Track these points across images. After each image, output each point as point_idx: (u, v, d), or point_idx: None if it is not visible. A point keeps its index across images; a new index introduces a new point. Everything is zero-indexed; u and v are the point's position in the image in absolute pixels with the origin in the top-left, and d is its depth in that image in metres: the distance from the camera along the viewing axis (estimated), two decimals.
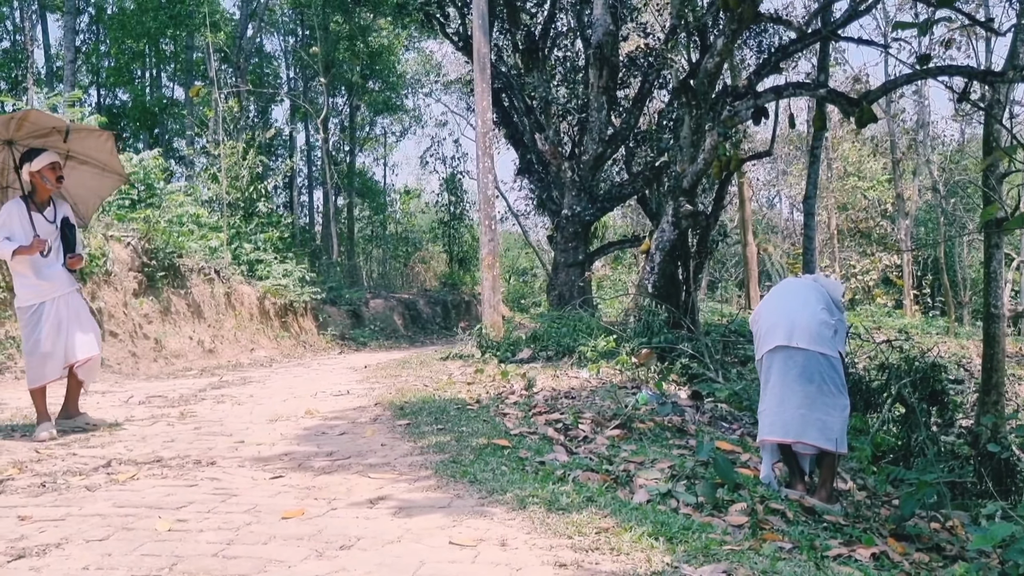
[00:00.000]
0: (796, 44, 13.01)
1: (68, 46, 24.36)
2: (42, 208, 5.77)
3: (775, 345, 4.62)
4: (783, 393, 4.57)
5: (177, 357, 12.54)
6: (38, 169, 5.65)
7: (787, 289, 4.94)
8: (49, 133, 5.81)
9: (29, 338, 5.69)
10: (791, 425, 4.55)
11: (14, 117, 5.67)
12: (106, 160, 6.28)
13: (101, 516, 3.54)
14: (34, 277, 5.67)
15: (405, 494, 3.85)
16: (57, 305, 5.71)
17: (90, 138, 6.10)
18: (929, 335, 23.78)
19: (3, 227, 5.61)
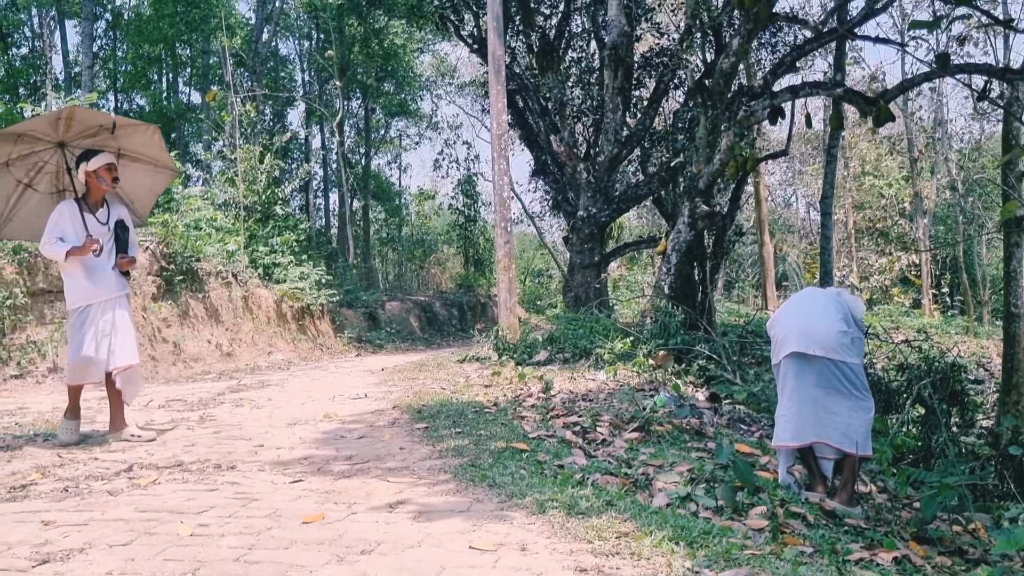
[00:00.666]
0: (812, 43, 12.95)
1: (86, 52, 24.53)
2: (95, 209, 5.73)
3: (791, 351, 4.60)
4: (800, 398, 4.55)
5: (196, 361, 12.61)
6: (94, 169, 5.61)
7: (807, 297, 4.90)
8: (97, 132, 5.76)
9: (73, 340, 5.68)
10: (807, 428, 4.53)
11: (60, 116, 5.62)
12: (156, 155, 6.21)
13: (124, 521, 3.57)
14: (84, 279, 5.62)
15: (424, 498, 3.86)
16: (104, 309, 5.68)
17: (136, 133, 6.01)
18: (948, 335, 23.62)
19: (55, 228, 5.57)
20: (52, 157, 5.85)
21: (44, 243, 5.56)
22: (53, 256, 5.65)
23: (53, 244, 5.51)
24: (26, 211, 5.95)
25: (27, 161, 5.77)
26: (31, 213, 5.96)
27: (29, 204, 5.93)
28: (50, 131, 5.66)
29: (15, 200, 5.87)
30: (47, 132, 5.67)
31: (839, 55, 15.51)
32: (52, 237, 5.53)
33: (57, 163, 5.90)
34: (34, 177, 5.86)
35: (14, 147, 5.64)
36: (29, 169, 5.81)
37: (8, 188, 5.81)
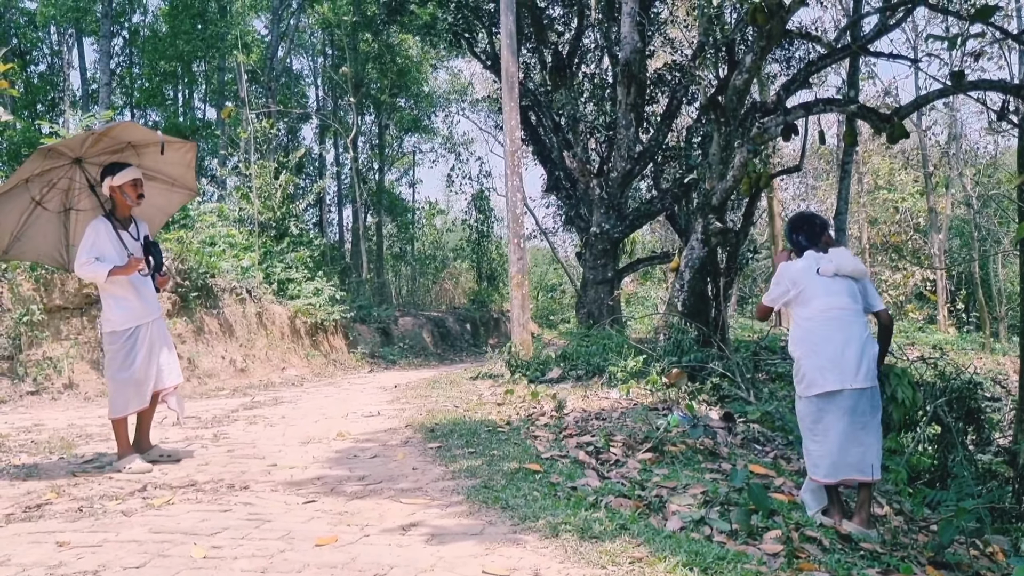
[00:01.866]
0: (825, 59, 12.93)
1: (103, 69, 24.79)
2: (126, 225, 5.54)
3: (828, 390, 4.54)
4: (837, 435, 4.49)
5: (210, 377, 12.66)
6: (120, 184, 5.39)
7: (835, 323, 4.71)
8: (124, 148, 5.60)
9: (122, 364, 5.39)
10: (845, 465, 4.51)
11: (93, 132, 5.41)
12: (179, 175, 6.03)
13: (137, 542, 3.58)
14: (133, 299, 5.42)
15: (437, 520, 3.85)
16: (151, 329, 5.51)
17: (171, 150, 5.79)
18: (964, 351, 23.43)
19: (92, 247, 5.32)
20: (66, 173, 5.63)
21: (82, 263, 5.30)
22: (92, 277, 5.37)
23: (92, 264, 5.27)
24: (34, 230, 5.69)
25: (43, 178, 5.53)
26: (39, 232, 5.72)
27: (38, 223, 5.68)
28: (76, 146, 5.44)
29: (25, 219, 5.60)
30: (73, 148, 5.45)
31: (852, 71, 15.49)
32: (90, 256, 5.29)
33: (70, 179, 5.66)
34: (45, 194, 5.61)
35: (42, 162, 5.39)
36: (43, 186, 5.57)
37: (22, 206, 5.55)
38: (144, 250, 5.58)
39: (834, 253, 4.82)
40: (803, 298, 4.77)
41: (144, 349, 5.45)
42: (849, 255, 4.84)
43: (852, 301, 4.70)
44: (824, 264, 4.76)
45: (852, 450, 4.50)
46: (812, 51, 17.32)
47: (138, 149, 5.70)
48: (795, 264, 4.92)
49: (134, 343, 5.42)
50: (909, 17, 18.89)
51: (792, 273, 4.86)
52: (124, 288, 5.42)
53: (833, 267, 4.73)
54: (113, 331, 5.44)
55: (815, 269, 4.77)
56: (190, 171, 6.12)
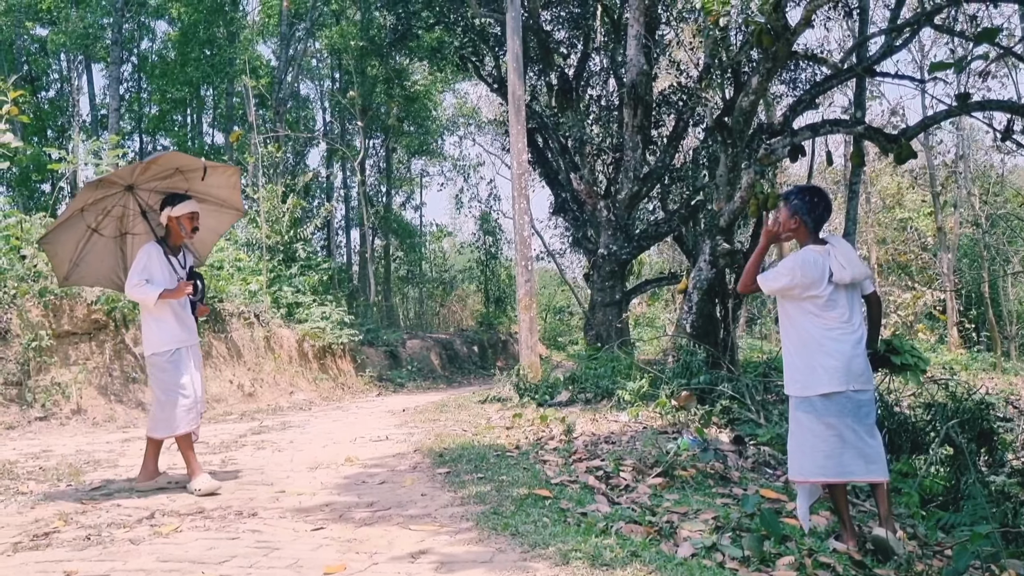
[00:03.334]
0: (832, 80, 12.96)
1: (112, 95, 24.98)
2: (175, 253, 5.74)
3: (833, 391, 4.43)
4: (842, 433, 4.39)
5: (218, 401, 12.64)
6: (178, 216, 5.60)
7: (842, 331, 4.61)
8: (172, 174, 5.76)
9: (170, 384, 5.52)
10: (852, 464, 4.40)
11: (142, 163, 5.60)
12: (226, 196, 6.20)
13: (145, 571, 3.56)
14: (173, 321, 5.58)
15: (446, 547, 3.82)
16: (192, 353, 5.69)
17: (214, 174, 5.97)
18: (975, 371, 23.28)
19: (143, 270, 5.51)
20: (120, 200, 5.83)
21: (133, 285, 5.48)
22: (142, 298, 5.50)
23: (143, 286, 5.45)
24: (92, 256, 5.91)
25: (98, 206, 5.73)
26: (96, 258, 5.94)
27: (95, 249, 5.90)
28: (127, 175, 5.66)
29: (83, 245, 5.83)
30: (124, 176, 5.67)
31: (859, 92, 15.50)
32: (140, 279, 5.48)
33: (124, 206, 5.87)
34: (100, 221, 5.83)
35: (94, 192, 5.62)
36: (98, 214, 5.78)
37: (79, 234, 5.76)
38: (188, 278, 5.76)
39: (839, 251, 4.56)
40: (814, 303, 4.52)
41: (189, 371, 5.62)
42: (855, 255, 4.63)
43: (856, 309, 4.62)
44: (838, 272, 4.49)
45: (858, 451, 4.42)
46: (818, 73, 17.38)
47: (186, 174, 5.86)
48: (807, 258, 4.55)
49: (179, 362, 5.58)
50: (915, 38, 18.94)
51: (808, 271, 4.51)
52: (167, 311, 5.58)
53: (849, 276, 4.49)
54: (155, 352, 5.61)
55: (828, 274, 4.50)
56: (236, 192, 6.30)
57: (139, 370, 11.61)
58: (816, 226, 4.68)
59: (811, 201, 4.69)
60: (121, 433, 9.68)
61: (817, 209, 4.68)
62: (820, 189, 4.88)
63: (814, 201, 4.69)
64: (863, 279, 4.57)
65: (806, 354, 4.53)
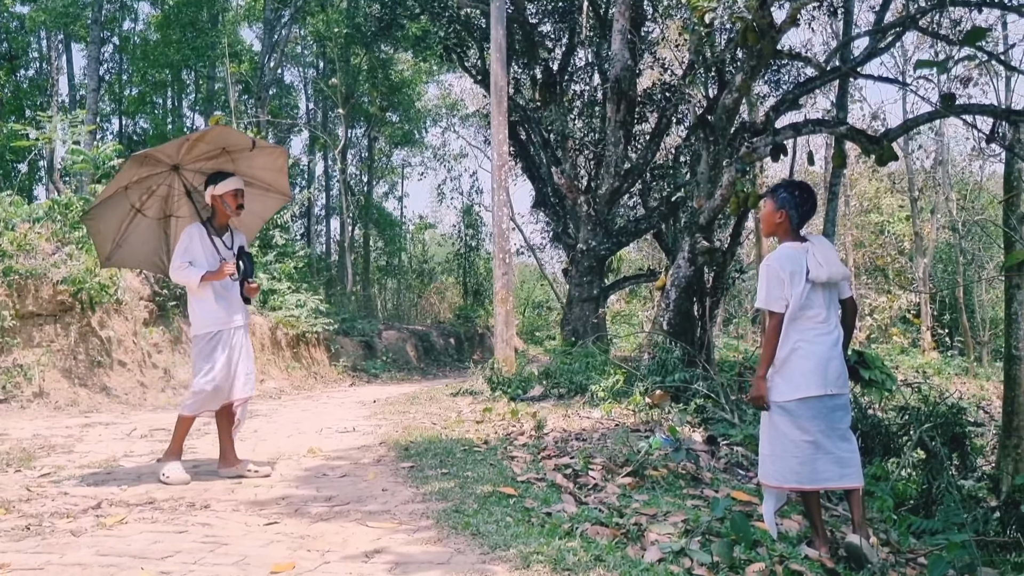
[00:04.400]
0: (815, 81, 12.88)
1: (91, 75, 24.55)
2: (220, 233, 5.55)
3: (810, 395, 4.30)
4: (818, 440, 4.26)
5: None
6: (221, 193, 5.43)
7: (816, 332, 4.49)
8: (219, 154, 5.59)
9: (202, 367, 5.40)
10: (826, 471, 4.26)
11: (188, 138, 5.41)
12: (272, 179, 6.03)
13: (81, 566, 3.37)
14: (215, 303, 5.40)
15: (403, 547, 3.66)
16: (233, 336, 5.49)
17: (261, 155, 5.80)
18: (948, 375, 23.40)
19: (186, 252, 5.37)
20: (165, 180, 5.66)
21: (176, 267, 5.35)
22: (185, 281, 5.38)
23: (185, 268, 5.32)
24: (135, 237, 5.74)
25: (142, 185, 5.56)
26: (139, 239, 5.77)
27: (138, 230, 5.72)
28: (172, 152, 5.46)
29: (126, 226, 5.66)
30: (170, 154, 5.47)
31: (842, 94, 15.45)
32: (183, 261, 5.33)
33: (169, 186, 5.70)
34: (145, 201, 5.65)
35: (139, 169, 5.43)
36: (142, 193, 5.60)
37: (122, 213, 5.59)
38: (236, 258, 5.57)
39: (818, 249, 4.38)
40: (793, 300, 4.33)
41: (225, 355, 5.42)
42: (835, 254, 4.44)
43: (832, 309, 4.47)
44: (815, 270, 4.31)
45: (832, 456, 4.28)
46: (802, 73, 17.32)
47: (233, 155, 5.66)
48: (783, 253, 4.41)
49: (215, 347, 5.40)
50: (899, 41, 18.94)
51: (784, 263, 4.36)
52: (208, 292, 5.41)
53: (825, 275, 4.31)
54: (196, 334, 5.49)
55: (805, 271, 4.33)
56: (283, 176, 6.11)
57: (104, 353, 11.35)
58: (800, 222, 4.53)
59: (799, 196, 4.54)
60: (83, 418, 9.44)
61: (804, 205, 4.53)
62: (807, 185, 4.75)
63: (803, 196, 4.54)
64: (840, 280, 4.41)
65: (782, 356, 4.38)
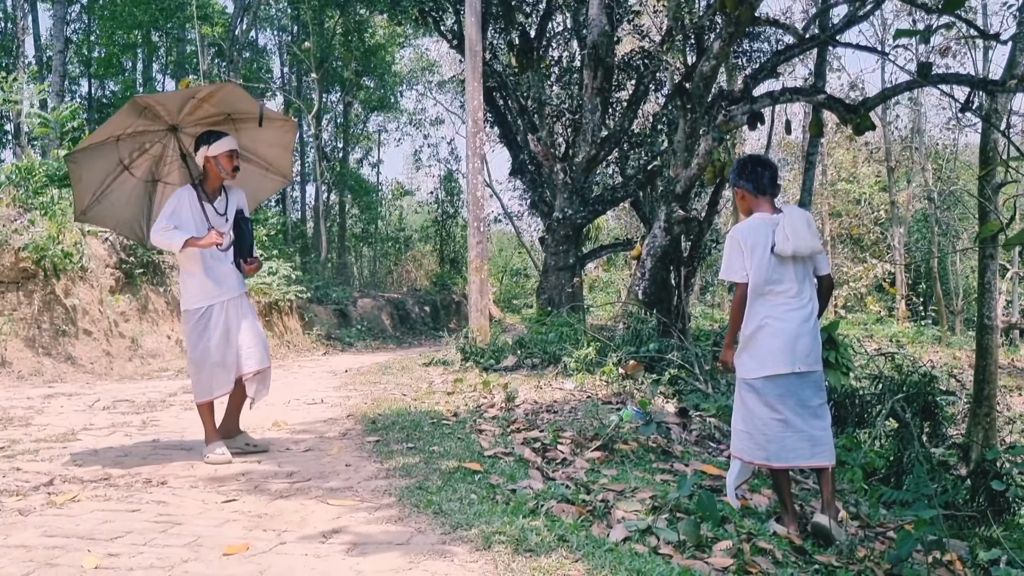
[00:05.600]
0: (794, 49, 12.75)
1: (58, 36, 23.95)
2: (213, 198, 5.16)
3: (777, 373, 4.21)
4: (789, 417, 4.17)
5: (154, 357, 12.22)
6: (215, 155, 5.03)
7: (784, 308, 4.40)
8: (223, 121, 5.25)
9: (196, 346, 5.09)
10: (797, 449, 4.18)
11: (195, 95, 5.02)
12: (274, 157, 5.66)
13: (26, 548, 3.24)
14: (203, 275, 5.07)
15: (362, 526, 3.55)
16: (227, 309, 5.11)
17: (269, 129, 5.42)
18: (921, 344, 23.60)
19: (172, 215, 4.99)
20: (160, 139, 5.30)
21: (158, 230, 4.98)
22: (167, 244, 5.01)
23: (168, 231, 4.94)
24: (117, 195, 5.33)
25: (136, 140, 5.20)
26: (121, 199, 5.36)
27: (122, 188, 5.33)
28: (174, 109, 5.09)
29: (111, 181, 5.25)
30: (171, 110, 5.10)
31: (820, 62, 15.34)
32: (169, 224, 4.95)
33: (164, 146, 5.34)
34: (135, 159, 5.28)
35: (136, 120, 5.04)
36: (133, 149, 5.24)
37: (110, 166, 5.20)
38: (234, 225, 5.20)
39: (788, 221, 4.21)
40: (755, 272, 4.22)
41: (219, 330, 5.08)
42: (805, 226, 4.21)
43: (806, 284, 4.34)
44: (781, 244, 4.17)
45: (803, 434, 4.19)
46: (781, 42, 17.16)
47: (237, 124, 5.32)
48: (749, 224, 4.31)
49: (207, 323, 5.08)
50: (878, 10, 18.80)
51: (746, 235, 4.26)
52: (196, 263, 5.09)
53: (791, 248, 4.16)
54: (186, 309, 5.16)
55: (770, 244, 4.20)
56: (287, 154, 5.76)
57: (69, 322, 11.14)
58: (757, 187, 4.36)
59: (747, 167, 4.42)
60: (46, 388, 9.26)
61: (753, 173, 4.38)
62: (756, 156, 4.62)
63: (749, 166, 4.42)
64: (810, 253, 4.23)
65: (749, 332, 4.30)
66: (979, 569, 4.89)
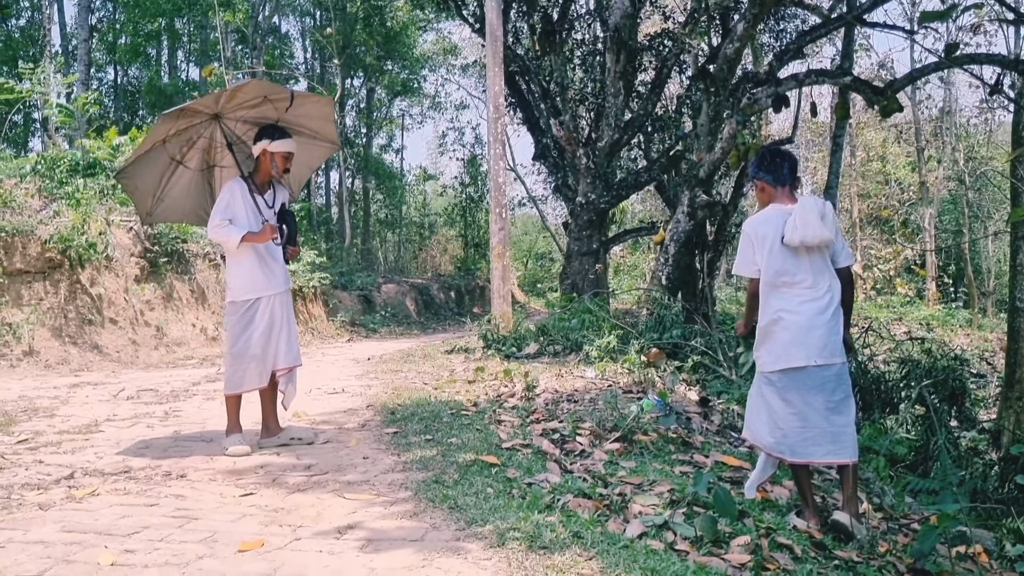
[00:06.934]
0: (820, 29, 12.56)
1: (82, 25, 24.13)
2: (263, 191, 5.22)
3: (793, 366, 4.14)
4: (807, 412, 4.10)
5: (179, 345, 12.32)
6: (274, 151, 5.11)
7: (797, 300, 4.33)
8: (261, 102, 5.26)
9: (238, 338, 5.10)
10: (818, 445, 4.11)
11: (226, 90, 5.13)
12: (319, 127, 5.70)
13: (44, 544, 3.26)
14: (254, 268, 5.10)
15: (378, 521, 3.54)
16: (272, 304, 5.16)
17: (307, 103, 5.48)
18: (951, 327, 23.28)
19: (226, 209, 5.04)
20: (205, 131, 5.38)
21: (214, 225, 5.02)
22: (224, 240, 5.06)
23: (225, 227, 5.00)
24: (177, 190, 5.46)
25: (182, 137, 5.29)
26: (182, 192, 5.49)
27: (180, 183, 5.44)
28: (211, 103, 5.19)
29: (167, 179, 5.37)
30: (208, 105, 5.20)
31: (847, 42, 15.09)
32: (223, 218, 5.01)
33: (210, 137, 5.41)
34: (185, 153, 5.38)
35: (176, 122, 5.15)
36: (182, 145, 5.33)
37: (162, 166, 5.31)
38: (278, 218, 5.26)
39: (800, 211, 4.12)
40: (766, 264, 4.20)
41: (263, 323, 5.13)
42: (816, 216, 4.09)
43: (823, 275, 4.23)
44: (789, 234, 4.10)
45: (821, 431, 4.12)
46: (807, 22, 16.89)
47: (275, 103, 5.34)
48: (762, 216, 4.30)
49: (252, 316, 5.12)
50: None
51: (757, 227, 4.25)
52: (249, 256, 5.12)
53: (798, 238, 4.08)
54: (232, 301, 5.19)
55: (780, 234, 4.15)
56: (330, 124, 5.82)
57: (95, 311, 11.25)
58: (776, 179, 4.31)
59: (765, 159, 4.38)
60: (73, 377, 9.36)
61: (771, 164, 4.33)
62: (774, 147, 4.58)
63: (768, 158, 4.38)
64: (819, 243, 4.11)
65: (764, 325, 4.25)
66: (1006, 562, 4.81)
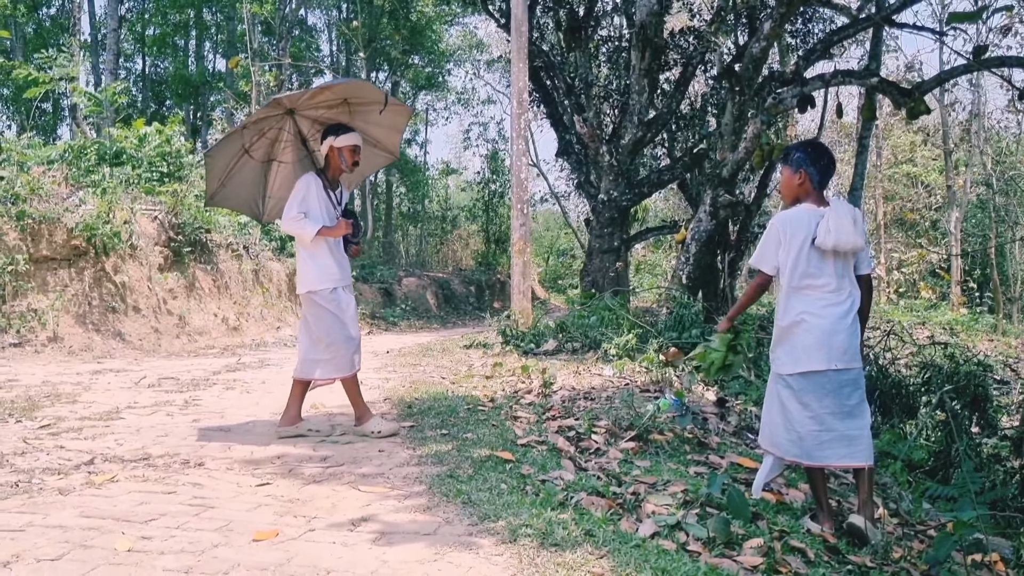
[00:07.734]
0: (847, 29, 12.45)
1: (112, 14, 24.35)
2: (334, 187, 5.37)
3: (813, 369, 4.12)
4: (822, 416, 4.08)
5: (200, 334, 12.42)
6: (340, 146, 5.23)
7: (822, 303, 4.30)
8: (339, 104, 5.39)
9: (332, 325, 5.20)
10: (835, 449, 4.08)
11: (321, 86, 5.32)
12: (383, 136, 5.82)
13: (62, 529, 3.31)
14: (328, 260, 5.24)
15: (391, 515, 3.57)
16: (347, 293, 5.34)
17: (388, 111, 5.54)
18: (975, 332, 23.01)
19: (301, 202, 5.17)
20: (277, 123, 5.47)
21: (291, 218, 5.15)
22: (299, 232, 5.17)
23: (301, 220, 5.12)
24: (239, 178, 5.56)
25: (257, 126, 5.40)
26: (240, 181, 5.59)
27: (242, 171, 5.54)
28: (296, 97, 5.31)
29: (233, 165, 5.48)
30: (293, 99, 5.32)
31: (875, 43, 14.93)
32: (299, 212, 5.14)
33: (280, 129, 5.50)
34: (255, 142, 5.46)
35: (264, 111, 5.35)
36: (254, 134, 5.43)
37: (233, 152, 5.42)
38: (343, 216, 5.40)
39: (834, 214, 4.10)
40: (792, 265, 4.16)
41: (351, 309, 5.31)
42: (850, 222, 4.08)
43: (846, 280, 4.18)
44: (822, 237, 4.07)
45: (837, 434, 4.09)
46: (834, 22, 16.75)
47: (352, 108, 5.46)
48: (793, 214, 4.24)
49: (339, 301, 5.25)
50: None
51: (786, 226, 4.20)
52: (323, 249, 5.26)
53: (832, 241, 4.05)
54: (311, 290, 5.27)
55: (812, 236, 4.12)
56: (397, 135, 5.95)
57: (119, 299, 11.37)
58: (822, 179, 4.29)
59: (813, 152, 4.33)
60: (96, 364, 9.47)
61: (821, 159, 4.29)
62: (820, 143, 4.54)
63: (817, 153, 4.34)
64: (851, 249, 4.11)
65: (785, 326, 4.22)
66: (1023, 571, 4.77)
